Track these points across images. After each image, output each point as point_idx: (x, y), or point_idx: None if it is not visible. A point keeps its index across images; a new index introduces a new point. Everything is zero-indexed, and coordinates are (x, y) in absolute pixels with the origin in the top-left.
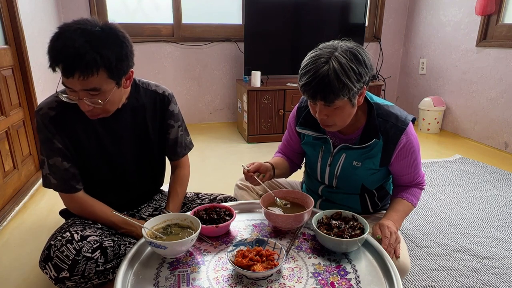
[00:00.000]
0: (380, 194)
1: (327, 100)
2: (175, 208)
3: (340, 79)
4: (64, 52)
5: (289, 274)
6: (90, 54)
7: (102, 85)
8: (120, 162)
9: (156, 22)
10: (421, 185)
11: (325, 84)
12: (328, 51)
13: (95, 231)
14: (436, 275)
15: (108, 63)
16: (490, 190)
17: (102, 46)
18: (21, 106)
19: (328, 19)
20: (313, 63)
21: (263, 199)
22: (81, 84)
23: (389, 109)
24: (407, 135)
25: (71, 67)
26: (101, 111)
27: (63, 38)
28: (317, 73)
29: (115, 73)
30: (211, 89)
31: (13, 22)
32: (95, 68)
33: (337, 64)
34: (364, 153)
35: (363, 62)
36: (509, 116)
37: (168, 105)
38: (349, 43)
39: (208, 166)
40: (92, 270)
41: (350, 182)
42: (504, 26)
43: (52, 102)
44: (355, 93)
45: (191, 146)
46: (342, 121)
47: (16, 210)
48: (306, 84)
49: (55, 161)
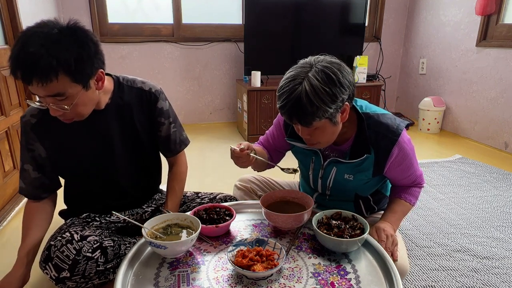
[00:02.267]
0: (375, 198)
1: (304, 123)
2: (174, 206)
3: (312, 103)
4: (20, 59)
5: (289, 274)
6: (45, 58)
7: (66, 89)
8: (110, 163)
9: (156, 22)
10: (420, 184)
11: (298, 107)
12: (304, 70)
13: (94, 231)
14: (436, 275)
15: (67, 66)
16: (490, 190)
17: (58, 49)
18: (21, 106)
19: (328, 19)
20: (287, 84)
21: (263, 199)
22: (43, 90)
23: (379, 119)
24: (399, 145)
25: (28, 74)
26: (73, 115)
27: (20, 44)
28: (290, 96)
29: (78, 76)
30: (211, 89)
31: (13, 22)
32: (53, 73)
33: (309, 87)
34: (356, 167)
35: (337, 82)
36: (509, 116)
37: (156, 102)
38: (327, 59)
39: (208, 166)
40: (92, 270)
41: (344, 192)
42: (504, 26)
43: (34, 109)
44: (332, 113)
45: (187, 142)
46: (326, 139)
47: (16, 210)
48: (281, 107)
49: (28, 168)
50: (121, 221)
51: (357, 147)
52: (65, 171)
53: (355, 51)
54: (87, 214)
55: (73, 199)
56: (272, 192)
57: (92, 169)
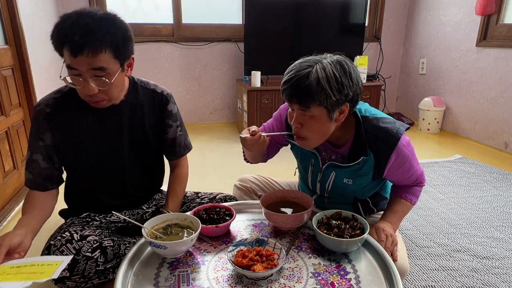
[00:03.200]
0: (374, 200)
1: (302, 103)
2: (175, 207)
3: (319, 83)
4: (75, 29)
5: (289, 274)
6: (100, 30)
7: (109, 64)
8: (116, 160)
9: (156, 22)
10: (422, 183)
11: (303, 85)
12: (316, 59)
13: (94, 230)
14: (436, 275)
15: (115, 41)
16: (490, 190)
17: (109, 25)
18: (21, 106)
19: (328, 19)
20: (298, 64)
21: (263, 199)
22: (88, 62)
23: (378, 123)
24: (398, 149)
25: (81, 43)
26: (104, 95)
27: (71, 20)
28: (298, 74)
29: (121, 53)
30: (211, 89)
31: (13, 22)
32: (104, 44)
33: (321, 69)
34: (355, 171)
35: (348, 74)
36: (509, 116)
37: (167, 104)
38: (340, 56)
39: (208, 166)
40: (92, 269)
41: (343, 195)
42: (504, 26)
43: (50, 99)
44: (333, 104)
45: (190, 147)
46: (315, 135)
47: (16, 210)
48: (285, 82)
49: (38, 158)
50: (121, 221)
51: (354, 150)
52: (71, 165)
53: (355, 51)
54: (87, 213)
55: (74, 197)
56: (272, 192)
57: (98, 165)
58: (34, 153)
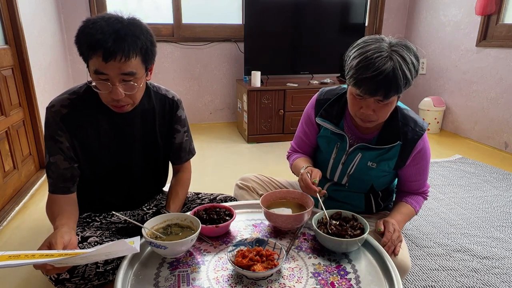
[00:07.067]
0: (383, 195)
1: (387, 96)
2: (176, 209)
3: (405, 75)
4: (107, 35)
5: (289, 274)
6: (130, 36)
7: (138, 69)
8: (126, 164)
9: (156, 22)
10: (425, 195)
11: (391, 80)
12: (382, 45)
13: (95, 231)
14: (436, 275)
15: (145, 46)
16: (490, 190)
17: (138, 31)
18: (21, 106)
19: (328, 19)
20: (375, 57)
21: (263, 199)
22: (119, 67)
23: (407, 113)
24: (423, 140)
25: (114, 48)
26: (129, 99)
27: (100, 25)
28: (382, 68)
29: (148, 58)
30: (211, 89)
31: (13, 22)
32: (136, 50)
33: (402, 60)
34: (381, 155)
35: (416, 55)
36: (509, 116)
37: (177, 110)
38: (392, 37)
39: (208, 166)
40: (92, 271)
41: (362, 182)
42: (504, 26)
43: (65, 100)
44: (408, 87)
45: (194, 153)
46: (384, 116)
47: (16, 210)
48: (369, 78)
49: (57, 159)
50: (121, 221)
51: (386, 134)
52: (80, 167)
53: None
54: (87, 214)
55: (78, 196)
56: (272, 192)
57: (108, 168)
58: (52, 156)
